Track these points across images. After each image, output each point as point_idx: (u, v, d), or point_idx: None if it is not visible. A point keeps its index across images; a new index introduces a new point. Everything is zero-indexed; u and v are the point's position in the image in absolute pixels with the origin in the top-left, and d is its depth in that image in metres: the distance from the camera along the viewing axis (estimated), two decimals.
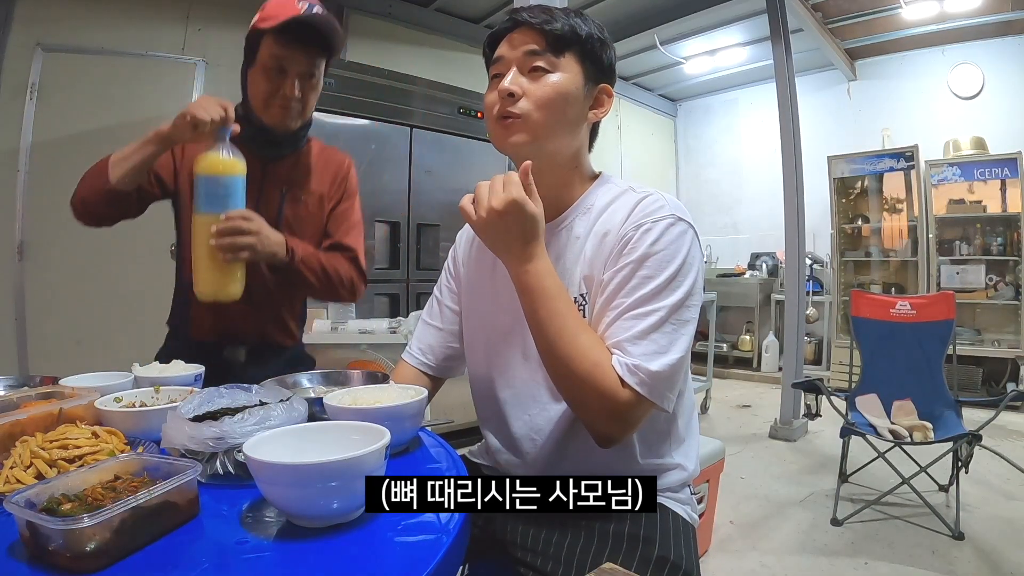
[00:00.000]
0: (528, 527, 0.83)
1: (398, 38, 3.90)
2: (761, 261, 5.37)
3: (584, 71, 0.85)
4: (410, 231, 3.15)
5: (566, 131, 0.85)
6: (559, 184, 0.88)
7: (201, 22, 3.15)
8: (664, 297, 0.75)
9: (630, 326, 0.74)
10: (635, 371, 0.71)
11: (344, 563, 0.49)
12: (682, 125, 6.34)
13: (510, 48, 0.85)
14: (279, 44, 1.15)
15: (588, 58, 0.85)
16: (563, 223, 0.89)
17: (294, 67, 1.18)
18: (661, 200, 0.82)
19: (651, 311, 0.75)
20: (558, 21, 0.83)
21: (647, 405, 0.73)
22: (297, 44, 1.16)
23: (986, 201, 4.28)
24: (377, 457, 0.55)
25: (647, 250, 0.77)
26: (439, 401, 0.92)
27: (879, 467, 2.35)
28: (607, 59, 0.88)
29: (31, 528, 0.46)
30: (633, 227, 0.79)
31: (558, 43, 0.83)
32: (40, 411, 0.70)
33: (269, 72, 1.18)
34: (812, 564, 1.95)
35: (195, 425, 0.64)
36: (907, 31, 4.46)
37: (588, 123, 0.88)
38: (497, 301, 0.91)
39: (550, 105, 0.82)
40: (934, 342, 2.51)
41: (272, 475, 0.53)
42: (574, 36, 0.83)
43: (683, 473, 0.88)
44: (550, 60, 0.83)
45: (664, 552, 0.77)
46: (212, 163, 1.06)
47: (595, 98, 0.87)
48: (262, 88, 1.19)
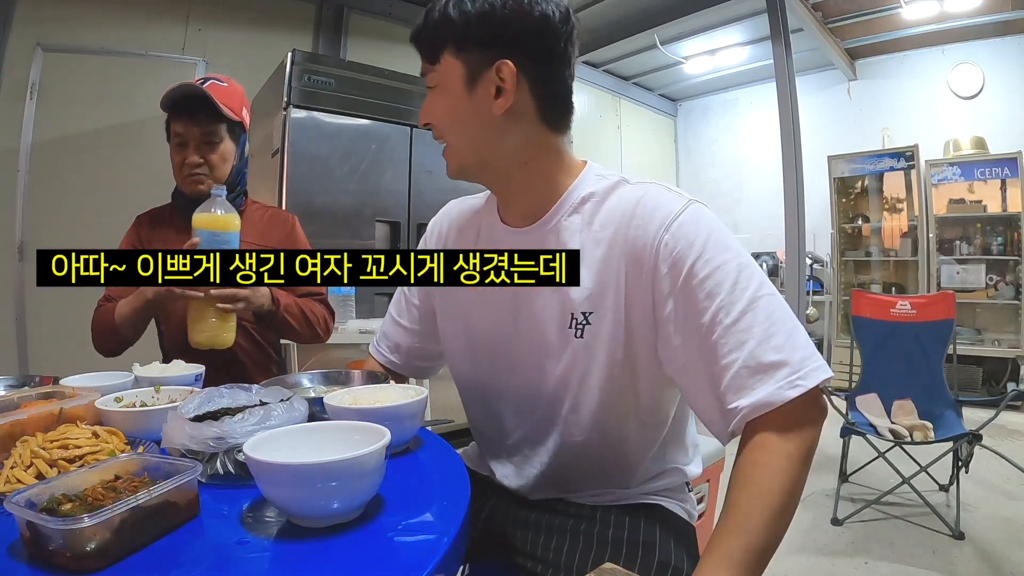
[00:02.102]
0: (527, 532, 0.82)
1: (398, 38, 3.90)
2: (761, 261, 5.36)
3: (464, 64, 0.73)
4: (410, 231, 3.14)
5: (476, 136, 0.76)
6: (526, 181, 0.78)
7: (201, 22, 3.15)
8: (752, 274, 0.67)
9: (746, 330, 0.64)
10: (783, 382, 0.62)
11: (344, 563, 0.49)
12: (682, 125, 6.34)
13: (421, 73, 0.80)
14: (172, 120, 1.30)
15: (464, 47, 0.73)
16: (549, 223, 0.78)
17: (190, 136, 1.29)
18: (665, 189, 0.74)
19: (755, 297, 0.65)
20: (424, 27, 0.76)
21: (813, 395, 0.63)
22: (183, 116, 1.28)
23: (986, 201, 4.28)
24: (377, 457, 0.55)
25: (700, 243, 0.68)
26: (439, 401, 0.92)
27: (879, 467, 2.35)
28: (498, 30, 0.72)
29: (31, 528, 0.46)
30: (661, 230, 0.70)
31: (430, 51, 0.76)
32: (40, 411, 0.70)
33: (175, 147, 1.32)
34: (812, 564, 1.95)
35: (195, 425, 0.64)
36: (907, 31, 4.46)
37: (503, 115, 0.73)
38: (481, 305, 0.84)
39: (442, 122, 0.77)
40: (934, 342, 2.51)
41: (272, 475, 0.53)
42: (439, 33, 0.74)
43: (683, 474, 0.86)
44: (432, 75, 0.76)
45: (665, 556, 0.75)
46: (211, 220, 1.14)
47: (496, 85, 0.73)
48: (174, 162, 1.33)
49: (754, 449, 0.63)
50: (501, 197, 0.84)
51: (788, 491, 0.60)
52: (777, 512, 0.60)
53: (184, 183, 1.33)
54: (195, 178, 1.30)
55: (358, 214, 2.93)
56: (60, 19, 2.79)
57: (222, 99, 1.29)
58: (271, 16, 3.39)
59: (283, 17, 3.45)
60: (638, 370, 0.74)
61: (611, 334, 0.73)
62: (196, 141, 1.30)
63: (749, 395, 0.63)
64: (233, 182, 1.35)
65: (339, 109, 2.86)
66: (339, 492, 0.53)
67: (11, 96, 2.70)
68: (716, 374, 0.65)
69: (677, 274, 0.68)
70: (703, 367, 0.66)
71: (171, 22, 3.09)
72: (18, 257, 2.71)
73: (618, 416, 0.77)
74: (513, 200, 0.82)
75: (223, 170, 1.34)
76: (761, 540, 0.59)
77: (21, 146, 2.73)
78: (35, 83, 2.74)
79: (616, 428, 0.78)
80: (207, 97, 1.27)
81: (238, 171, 1.38)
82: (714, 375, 0.65)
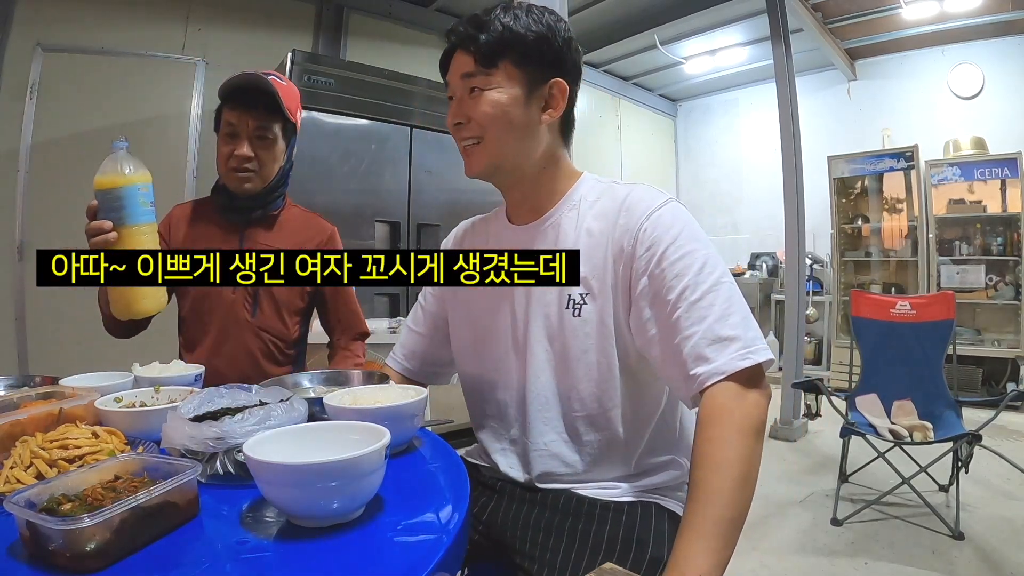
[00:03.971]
0: (527, 531, 0.83)
1: (398, 38, 3.90)
2: (761, 261, 5.37)
3: (524, 76, 0.82)
4: (410, 231, 3.14)
5: (518, 141, 0.84)
6: (538, 184, 0.89)
7: (201, 22, 3.15)
8: (715, 265, 0.76)
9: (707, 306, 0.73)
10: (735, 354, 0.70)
11: (344, 563, 0.49)
12: (682, 125, 6.34)
13: (451, 73, 0.85)
14: (228, 109, 1.25)
15: (527, 61, 0.82)
16: (549, 220, 0.88)
17: (244, 128, 1.24)
18: (651, 189, 0.84)
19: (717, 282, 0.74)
20: (485, 33, 0.81)
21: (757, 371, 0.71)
22: (242, 106, 1.24)
23: (986, 201, 4.27)
24: (377, 457, 0.55)
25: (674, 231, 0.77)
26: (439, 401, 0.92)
27: (879, 467, 2.35)
28: (555, 53, 0.84)
29: (31, 528, 0.46)
30: (642, 218, 0.79)
31: (488, 58, 0.81)
32: (40, 411, 0.70)
33: (225, 137, 1.26)
34: (812, 564, 1.95)
35: (195, 425, 0.64)
36: (907, 31, 4.46)
37: (545, 125, 0.85)
38: (486, 301, 0.92)
39: (492, 123, 0.82)
40: (934, 342, 2.51)
41: (272, 475, 0.53)
42: (503, 44, 0.81)
43: (680, 471, 0.88)
44: (482, 79, 0.82)
45: (657, 553, 0.77)
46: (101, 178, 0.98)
47: (546, 99, 0.84)
48: (221, 153, 1.26)
49: (707, 426, 0.69)
50: (512, 198, 0.93)
51: (745, 459, 0.67)
52: (738, 481, 0.66)
53: (228, 177, 1.27)
54: (243, 174, 1.25)
55: (358, 214, 2.93)
56: (60, 19, 2.79)
57: (282, 96, 1.25)
58: (271, 16, 3.39)
59: (283, 17, 3.45)
60: (627, 345, 0.82)
61: (604, 312, 0.82)
62: (248, 134, 1.25)
63: (706, 364, 0.71)
64: (277, 184, 1.32)
65: (339, 109, 2.86)
66: (339, 492, 0.53)
67: (11, 96, 2.70)
68: (679, 344, 0.73)
69: (651, 256, 0.78)
70: (668, 337, 0.75)
71: (171, 22, 3.09)
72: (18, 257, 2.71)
73: (613, 388, 0.83)
74: (523, 201, 0.91)
75: (271, 169, 1.29)
76: (728, 509, 0.64)
77: (21, 146, 2.73)
78: (35, 83, 2.74)
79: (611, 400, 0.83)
80: (270, 90, 1.23)
81: (284, 173, 1.33)
82: (677, 345, 0.73)
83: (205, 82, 3.09)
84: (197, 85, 3.09)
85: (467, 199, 2.71)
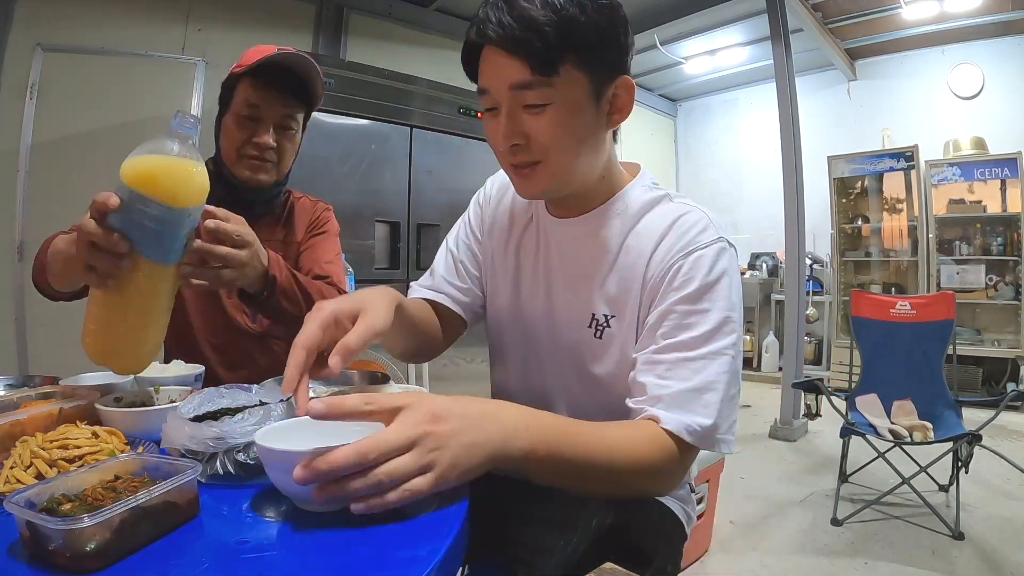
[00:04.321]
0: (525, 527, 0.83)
1: (398, 38, 3.90)
2: (761, 261, 5.37)
3: (589, 79, 0.68)
4: (410, 231, 3.14)
5: (584, 158, 0.73)
6: (591, 188, 0.79)
7: (201, 22, 3.15)
8: (726, 333, 0.69)
9: (695, 371, 0.68)
10: (696, 430, 0.66)
11: (344, 563, 0.49)
12: (682, 125, 6.34)
13: (493, 78, 0.69)
14: (253, 88, 1.06)
15: (592, 60, 0.68)
16: (591, 223, 0.79)
17: (269, 113, 1.08)
18: (705, 219, 0.74)
19: (716, 352, 0.68)
20: (539, 32, 0.64)
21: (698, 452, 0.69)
22: (273, 88, 1.07)
23: (986, 201, 4.28)
24: None
25: (704, 281, 0.70)
26: None
27: (879, 467, 2.35)
28: (619, 44, 0.70)
29: (31, 528, 0.46)
30: (681, 254, 0.71)
31: (547, 64, 0.65)
32: (40, 411, 0.70)
33: (242, 119, 1.08)
34: (812, 564, 1.95)
35: (195, 425, 0.64)
36: (907, 31, 4.46)
37: (612, 129, 0.75)
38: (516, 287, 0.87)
39: (562, 144, 0.70)
40: (934, 342, 2.51)
41: (282, 463, 0.53)
42: (565, 43, 0.65)
43: None
44: (543, 92, 0.67)
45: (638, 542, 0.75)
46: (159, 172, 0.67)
47: (612, 101, 0.72)
48: (235, 137, 1.08)
49: (643, 426, 0.66)
50: (561, 199, 0.82)
51: (621, 470, 0.63)
52: (602, 464, 0.63)
53: (241, 165, 1.10)
54: (260, 163, 1.10)
55: (358, 214, 2.93)
56: (60, 19, 2.79)
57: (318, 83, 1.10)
58: (271, 16, 3.39)
59: (283, 17, 3.45)
60: None
61: (626, 337, 0.76)
62: (274, 121, 1.09)
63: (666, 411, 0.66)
64: (285, 179, 1.20)
65: (339, 109, 2.86)
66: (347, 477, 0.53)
67: (11, 96, 2.70)
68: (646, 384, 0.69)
69: (675, 295, 0.71)
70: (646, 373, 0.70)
71: (171, 22, 3.09)
72: (18, 257, 2.71)
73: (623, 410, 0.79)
74: (565, 200, 0.81)
75: (287, 163, 1.16)
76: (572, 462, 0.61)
77: (21, 146, 2.73)
78: (35, 83, 2.74)
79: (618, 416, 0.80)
80: (311, 75, 1.07)
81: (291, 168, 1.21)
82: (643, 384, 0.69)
83: (205, 82, 3.08)
84: (197, 85, 3.08)
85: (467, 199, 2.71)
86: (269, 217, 1.22)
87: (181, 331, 1.18)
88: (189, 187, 0.68)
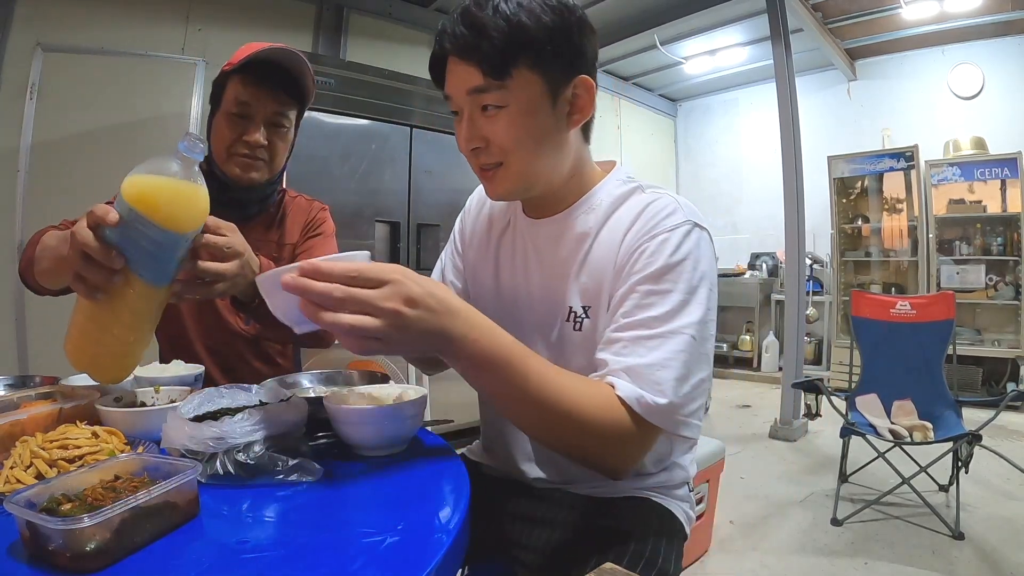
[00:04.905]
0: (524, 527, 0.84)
1: (398, 38, 3.90)
2: (761, 261, 5.37)
3: (543, 80, 0.70)
4: (410, 231, 3.14)
5: (547, 158, 0.75)
6: (562, 188, 0.81)
7: (201, 22, 3.15)
8: (687, 314, 0.68)
9: (651, 348, 0.67)
10: (649, 404, 0.64)
11: (343, 563, 0.49)
12: (682, 125, 6.34)
13: (452, 85, 0.73)
14: (243, 85, 1.05)
15: (546, 61, 0.70)
16: (565, 221, 0.81)
17: (260, 111, 1.07)
18: (674, 203, 0.74)
19: (674, 331, 0.67)
20: (488, 38, 0.67)
21: (658, 433, 0.67)
22: (263, 84, 1.05)
23: (986, 201, 4.28)
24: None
25: (666, 262, 0.69)
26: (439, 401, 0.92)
27: (879, 467, 2.35)
28: (573, 45, 0.71)
29: (31, 528, 0.46)
30: (647, 237, 0.72)
31: (498, 68, 0.68)
32: (40, 411, 0.70)
33: (232, 117, 1.07)
34: (812, 564, 1.95)
35: (195, 425, 0.64)
36: (907, 31, 4.46)
37: (574, 128, 0.76)
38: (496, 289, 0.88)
39: (517, 145, 0.72)
40: (934, 342, 2.51)
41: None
42: (514, 46, 0.67)
43: (682, 472, 0.87)
44: (497, 94, 0.69)
45: (639, 548, 0.76)
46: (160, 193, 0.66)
47: (572, 101, 0.73)
48: (225, 136, 1.07)
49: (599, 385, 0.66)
50: (534, 200, 0.84)
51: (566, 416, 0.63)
52: (548, 401, 0.62)
53: (231, 163, 1.08)
54: (252, 162, 1.08)
55: (358, 214, 2.93)
56: (60, 19, 2.79)
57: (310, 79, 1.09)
58: (271, 16, 3.39)
59: (283, 17, 3.45)
60: None
61: (604, 327, 0.76)
62: (265, 118, 1.08)
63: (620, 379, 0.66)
64: (280, 174, 1.17)
65: (339, 109, 2.86)
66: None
67: (11, 96, 2.70)
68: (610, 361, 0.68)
69: (636, 275, 0.71)
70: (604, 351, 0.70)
71: (171, 22, 3.09)
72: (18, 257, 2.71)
73: None
74: (541, 201, 0.83)
75: (280, 161, 1.14)
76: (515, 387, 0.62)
77: (21, 146, 2.73)
78: (35, 83, 2.74)
79: None
80: (301, 71, 1.06)
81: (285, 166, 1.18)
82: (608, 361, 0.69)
83: (205, 82, 3.08)
84: (197, 85, 3.08)
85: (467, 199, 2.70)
86: (263, 217, 1.20)
87: (176, 333, 1.18)
88: (190, 213, 0.68)
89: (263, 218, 1.20)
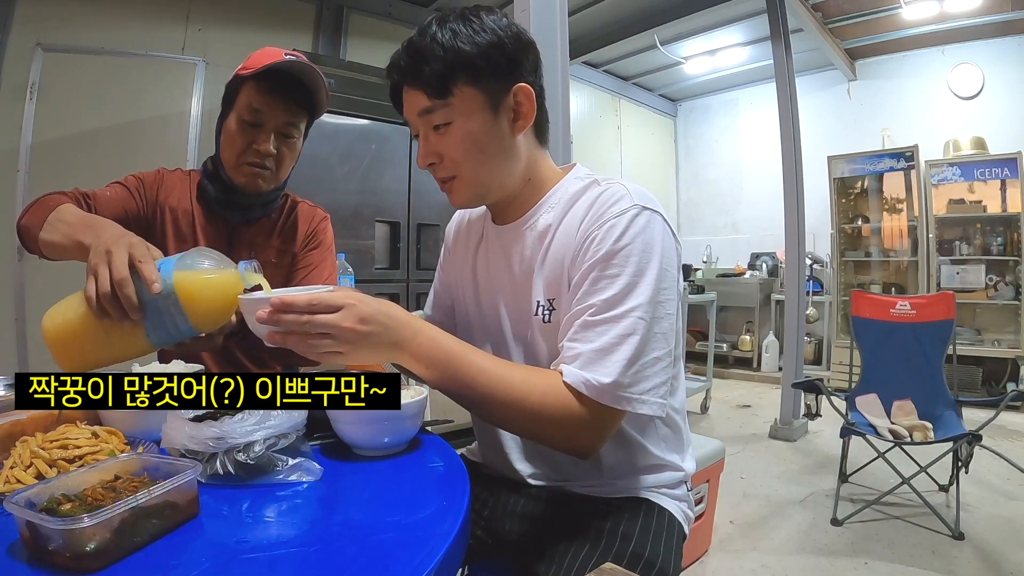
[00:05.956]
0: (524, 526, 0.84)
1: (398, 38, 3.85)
2: (761, 261, 5.37)
3: (483, 94, 0.76)
4: (410, 231, 3.14)
5: (498, 166, 0.80)
6: (522, 193, 0.85)
7: (201, 22, 3.15)
8: (636, 296, 0.70)
9: (599, 333, 0.69)
10: (595, 385, 0.67)
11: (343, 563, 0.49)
12: (682, 125, 6.34)
13: (408, 110, 0.80)
14: (257, 93, 1.06)
15: (481, 77, 0.75)
16: (527, 222, 0.84)
17: (271, 120, 1.08)
18: (623, 190, 0.76)
19: (623, 313, 0.69)
20: (428, 63, 0.74)
21: (617, 414, 0.70)
22: (276, 94, 1.06)
23: (986, 201, 4.28)
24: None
25: (612, 247, 0.72)
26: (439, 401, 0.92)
27: (879, 467, 2.35)
28: (509, 58, 0.76)
29: (31, 528, 0.46)
30: (596, 224, 0.74)
31: (439, 89, 0.74)
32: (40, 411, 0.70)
33: (244, 124, 1.07)
34: (812, 564, 1.95)
35: (195, 425, 0.64)
36: (907, 31, 4.46)
37: (519, 136, 0.80)
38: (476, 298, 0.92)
39: (467, 157, 0.77)
40: (934, 342, 2.51)
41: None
42: (450, 68, 0.74)
43: (680, 471, 0.88)
44: (442, 113, 0.76)
45: (639, 548, 0.77)
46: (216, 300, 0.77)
47: (515, 108, 0.78)
48: (235, 142, 1.08)
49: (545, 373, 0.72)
50: (494, 208, 0.90)
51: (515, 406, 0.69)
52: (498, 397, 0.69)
53: (239, 171, 1.09)
54: (260, 171, 1.09)
55: (358, 214, 2.93)
56: (60, 19, 2.79)
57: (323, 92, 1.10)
58: (271, 16, 3.39)
59: (283, 17, 3.45)
60: None
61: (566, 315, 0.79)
62: (276, 128, 1.08)
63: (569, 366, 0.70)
64: (285, 183, 1.19)
65: (339, 109, 2.86)
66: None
67: (11, 96, 2.70)
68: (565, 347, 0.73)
69: (586, 263, 0.74)
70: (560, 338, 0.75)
71: (171, 22, 3.09)
72: (18, 257, 2.70)
73: None
74: (505, 206, 0.87)
75: (286, 170, 1.15)
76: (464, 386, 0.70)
77: (21, 146, 2.73)
78: (35, 83, 2.74)
79: None
80: (316, 85, 1.08)
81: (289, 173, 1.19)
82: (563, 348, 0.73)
83: (205, 82, 3.08)
84: (197, 85, 3.09)
85: None
86: (266, 221, 1.21)
87: None
88: (218, 322, 0.80)
89: (265, 222, 1.21)
